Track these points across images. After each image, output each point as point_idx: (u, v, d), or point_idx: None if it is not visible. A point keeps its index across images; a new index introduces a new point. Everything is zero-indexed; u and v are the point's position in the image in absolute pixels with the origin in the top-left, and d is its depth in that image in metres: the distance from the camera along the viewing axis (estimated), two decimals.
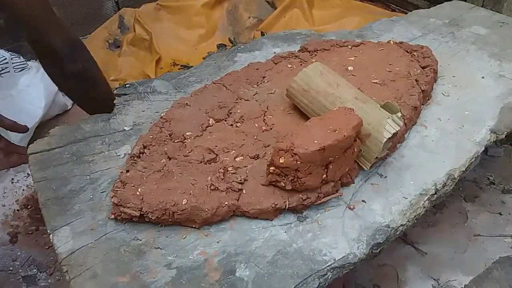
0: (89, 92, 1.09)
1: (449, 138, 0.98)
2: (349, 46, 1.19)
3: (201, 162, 0.85)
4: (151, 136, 0.90)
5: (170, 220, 0.76)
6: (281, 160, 0.74)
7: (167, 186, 0.79)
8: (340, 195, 0.84)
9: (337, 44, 1.20)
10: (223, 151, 0.87)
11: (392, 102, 0.86)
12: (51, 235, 0.75)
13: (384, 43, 1.20)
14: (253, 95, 1.03)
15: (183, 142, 0.90)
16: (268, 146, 0.89)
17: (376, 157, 0.84)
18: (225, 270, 0.71)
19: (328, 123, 0.78)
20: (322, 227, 0.78)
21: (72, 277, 0.69)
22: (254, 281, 0.69)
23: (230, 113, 0.98)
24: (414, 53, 1.15)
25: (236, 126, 0.94)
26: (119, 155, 0.91)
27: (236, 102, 1.01)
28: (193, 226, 0.77)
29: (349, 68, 1.08)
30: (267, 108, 0.99)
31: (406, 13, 1.66)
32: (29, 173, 1.08)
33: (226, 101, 1.00)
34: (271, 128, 0.93)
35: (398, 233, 0.81)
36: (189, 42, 2.16)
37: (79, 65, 1.02)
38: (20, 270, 1.23)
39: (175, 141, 0.90)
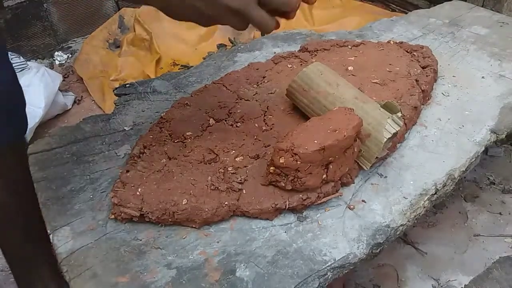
0: None
1: (449, 138, 0.98)
2: (349, 46, 1.19)
3: (201, 162, 0.85)
4: (151, 136, 0.90)
5: (170, 220, 0.76)
6: (281, 160, 0.74)
7: (167, 186, 0.79)
8: (340, 195, 0.84)
9: (337, 44, 1.20)
10: (223, 151, 0.87)
11: (392, 102, 0.85)
12: (51, 235, 0.75)
13: (384, 43, 1.20)
14: (253, 95, 1.03)
15: (183, 142, 0.90)
16: (268, 146, 0.89)
17: (376, 157, 0.84)
18: (225, 270, 0.71)
19: (328, 123, 0.77)
20: (322, 227, 0.78)
21: (72, 277, 0.69)
22: (254, 281, 0.69)
23: (230, 113, 0.98)
24: (414, 53, 1.15)
25: (236, 126, 0.94)
26: (119, 155, 0.91)
27: (236, 102, 1.01)
28: (193, 226, 0.77)
29: (349, 68, 1.08)
30: (267, 108, 0.99)
31: (406, 13, 1.65)
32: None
33: (226, 101, 1.00)
34: (271, 128, 0.93)
35: (398, 233, 0.81)
36: (189, 42, 2.16)
37: None
38: None
39: (175, 141, 0.90)
